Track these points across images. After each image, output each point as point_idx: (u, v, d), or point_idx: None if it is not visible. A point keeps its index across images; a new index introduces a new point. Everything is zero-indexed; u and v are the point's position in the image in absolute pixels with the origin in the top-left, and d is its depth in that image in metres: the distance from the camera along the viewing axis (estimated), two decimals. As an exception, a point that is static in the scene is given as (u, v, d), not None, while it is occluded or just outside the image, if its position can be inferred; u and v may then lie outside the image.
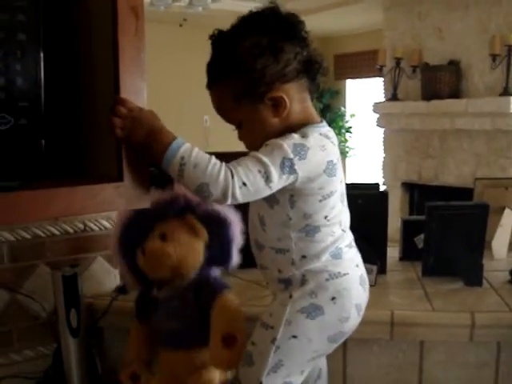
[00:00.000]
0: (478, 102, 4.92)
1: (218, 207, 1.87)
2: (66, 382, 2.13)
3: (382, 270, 2.46)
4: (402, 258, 2.74)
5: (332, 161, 1.51)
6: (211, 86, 1.57)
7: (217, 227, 1.90)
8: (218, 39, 1.55)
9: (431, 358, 2.16)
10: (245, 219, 1.80)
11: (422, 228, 2.54)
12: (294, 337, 1.58)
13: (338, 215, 1.59)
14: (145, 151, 1.45)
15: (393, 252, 2.69)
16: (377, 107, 5.83)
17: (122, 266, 2.02)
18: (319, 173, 1.49)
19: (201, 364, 1.87)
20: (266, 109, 1.51)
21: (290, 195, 1.51)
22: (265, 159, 1.42)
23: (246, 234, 1.79)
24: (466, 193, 3.69)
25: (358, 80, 8.36)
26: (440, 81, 5.17)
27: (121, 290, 2.36)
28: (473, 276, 2.35)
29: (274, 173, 1.42)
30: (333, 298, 1.57)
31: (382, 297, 2.26)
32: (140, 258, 1.89)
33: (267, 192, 1.46)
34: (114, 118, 1.43)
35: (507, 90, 4.74)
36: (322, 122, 1.59)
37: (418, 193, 5.75)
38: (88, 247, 2.33)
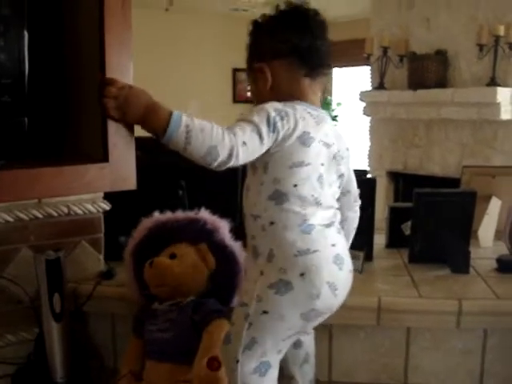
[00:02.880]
0: (465, 92, 4.92)
1: (235, 245, 2.01)
2: (48, 368, 2.10)
3: (369, 257, 2.45)
4: (388, 245, 2.74)
5: (309, 133, 1.63)
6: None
7: (227, 263, 2.02)
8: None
9: (418, 345, 2.16)
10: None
11: (408, 215, 2.54)
12: (265, 312, 1.60)
13: (311, 191, 1.63)
14: (143, 127, 1.49)
15: (379, 239, 2.68)
16: (363, 96, 5.82)
17: (130, 277, 2.11)
18: (292, 137, 1.60)
19: (183, 379, 1.88)
20: (258, 78, 1.71)
21: (265, 162, 1.62)
22: (253, 119, 1.55)
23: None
24: (451, 182, 3.70)
25: (344, 68, 8.34)
26: (427, 70, 5.16)
27: (105, 274, 2.34)
28: (460, 263, 2.35)
29: (264, 131, 1.54)
30: (301, 274, 1.58)
31: (369, 283, 2.25)
32: (147, 270, 1.99)
33: (262, 150, 1.57)
34: (106, 99, 1.42)
35: (494, 81, 4.74)
36: (315, 105, 1.73)
37: (403, 182, 5.75)
38: (72, 231, 2.30)
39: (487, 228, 2.74)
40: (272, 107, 1.59)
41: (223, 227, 2.04)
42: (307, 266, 1.59)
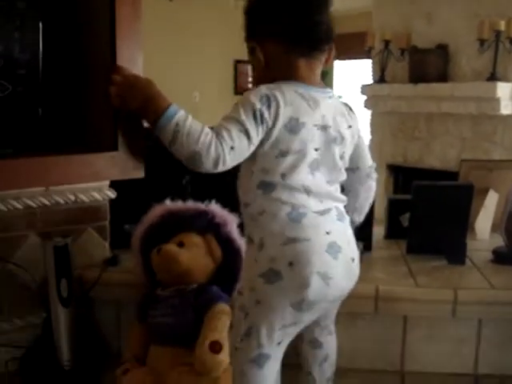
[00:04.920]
0: (465, 87, 4.96)
1: (241, 240, 2.01)
2: (55, 352, 2.14)
3: (368, 248, 2.50)
4: (386, 236, 2.78)
5: (297, 119, 1.57)
6: None
7: (232, 257, 2.05)
8: None
9: (414, 333, 2.21)
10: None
11: (407, 207, 2.58)
12: (258, 302, 1.61)
13: (301, 180, 1.60)
14: (141, 116, 1.50)
15: (378, 230, 2.73)
16: (364, 89, 5.85)
17: (138, 262, 2.15)
18: (278, 125, 1.55)
19: (185, 363, 1.92)
20: (253, 58, 1.67)
21: (255, 151, 1.58)
22: (239, 117, 1.51)
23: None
24: (450, 176, 3.74)
25: (346, 61, 8.36)
26: (428, 64, 5.19)
27: (110, 261, 2.39)
28: (456, 254, 2.40)
29: (252, 129, 1.51)
30: (290, 264, 1.56)
31: (368, 272, 2.29)
32: (154, 257, 2.03)
33: (251, 149, 1.54)
34: (111, 86, 1.44)
35: (494, 75, 4.77)
36: (311, 84, 1.65)
37: (402, 175, 5.79)
38: (78, 219, 2.33)
39: (484, 220, 2.79)
40: (257, 97, 1.54)
41: (231, 222, 2.06)
42: (296, 255, 1.56)
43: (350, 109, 1.79)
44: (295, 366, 1.93)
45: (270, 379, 1.70)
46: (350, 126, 1.73)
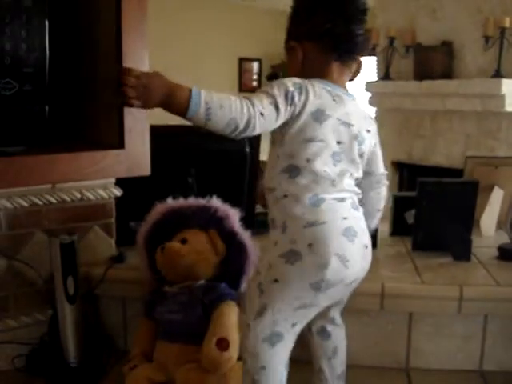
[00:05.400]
0: (470, 84, 4.94)
1: (244, 233, 2.06)
2: (61, 349, 2.16)
3: (373, 245, 2.49)
4: (392, 233, 2.79)
5: (323, 111, 1.66)
6: None
7: (235, 251, 2.07)
8: None
9: (420, 330, 2.21)
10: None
11: (412, 204, 2.59)
12: (276, 281, 1.65)
13: (324, 166, 1.66)
14: (166, 110, 1.53)
15: (383, 227, 2.73)
16: (369, 86, 5.84)
17: (143, 261, 2.17)
18: (306, 112, 1.64)
19: (193, 360, 1.93)
20: (290, 57, 1.76)
21: (282, 134, 1.66)
22: (272, 92, 1.59)
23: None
24: (455, 173, 3.73)
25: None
26: (432, 61, 5.18)
27: (116, 258, 2.40)
28: (461, 251, 2.40)
29: (282, 104, 1.59)
30: (310, 245, 1.61)
31: (373, 270, 2.26)
32: (158, 255, 2.05)
33: (278, 122, 1.62)
34: (127, 88, 1.48)
35: (499, 72, 4.75)
36: (338, 84, 1.75)
37: (407, 172, 5.78)
38: (84, 216, 2.34)
39: (489, 217, 2.79)
40: (291, 81, 1.64)
41: (233, 215, 2.08)
42: (315, 237, 1.61)
43: (370, 117, 1.89)
44: (305, 363, 1.92)
45: (281, 361, 1.71)
46: (368, 131, 1.80)
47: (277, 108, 1.58)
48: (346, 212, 1.69)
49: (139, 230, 2.16)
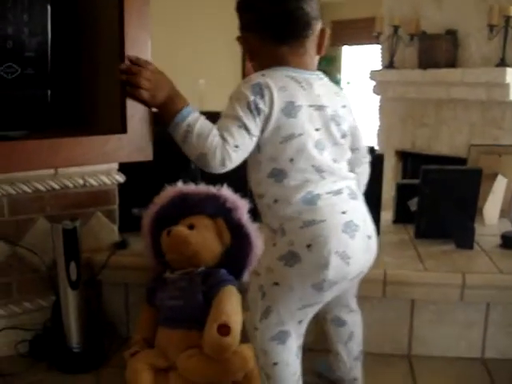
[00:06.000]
0: (474, 72, 4.92)
1: (251, 226, 2.05)
2: (64, 335, 2.17)
3: (376, 232, 2.49)
4: (395, 221, 2.79)
5: (293, 102, 1.58)
6: None
7: (240, 242, 2.07)
8: None
9: (422, 317, 2.22)
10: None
11: (415, 192, 2.58)
12: (276, 284, 1.62)
13: (308, 160, 1.60)
14: (160, 111, 1.54)
15: (386, 215, 2.73)
16: (373, 75, 5.82)
17: (147, 243, 2.17)
18: (276, 111, 1.56)
19: (194, 346, 1.93)
20: (242, 47, 1.71)
21: (258, 142, 1.59)
22: (236, 113, 1.54)
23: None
24: (459, 162, 3.73)
25: (354, 47, 8.33)
26: (437, 50, 5.15)
27: (119, 245, 2.40)
28: (464, 238, 2.40)
29: (248, 121, 1.54)
30: (308, 246, 1.56)
31: (376, 257, 2.29)
32: (164, 238, 2.05)
33: (253, 143, 1.57)
34: (141, 79, 1.49)
35: (503, 61, 4.73)
36: (300, 68, 1.66)
37: (411, 162, 5.77)
38: (87, 202, 2.35)
39: (492, 205, 2.78)
40: (249, 88, 1.57)
41: (242, 207, 2.07)
42: (313, 237, 1.56)
43: (341, 90, 1.81)
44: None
45: (292, 354, 1.71)
46: (344, 106, 1.74)
47: (247, 130, 1.54)
48: (345, 205, 1.63)
49: (146, 212, 2.15)
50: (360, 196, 1.73)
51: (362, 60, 8.20)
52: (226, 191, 2.08)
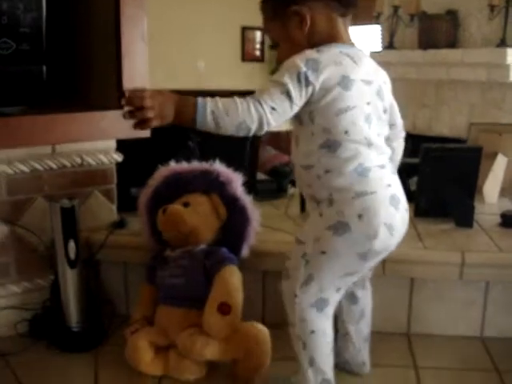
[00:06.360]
0: (475, 53, 4.89)
1: (246, 198, 2.06)
2: (63, 314, 2.17)
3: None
4: (394, 200, 2.77)
5: (348, 76, 1.61)
6: (261, 9, 1.74)
7: (237, 215, 2.07)
8: None
9: (421, 295, 2.22)
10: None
11: (415, 170, 2.58)
12: (323, 252, 1.66)
13: (360, 132, 1.63)
14: (176, 123, 1.54)
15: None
16: (373, 55, 5.77)
17: (145, 224, 2.17)
18: (332, 84, 1.58)
19: (195, 324, 1.93)
20: (293, 25, 1.66)
21: (310, 111, 1.62)
22: (282, 80, 1.55)
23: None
24: (459, 143, 3.71)
25: (354, 27, 8.29)
26: (437, 30, 5.12)
27: (118, 224, 2.40)
28: (464, 217, 2.40)
29: (293, 90, 1.54)
30: (359, 216, 1.61)
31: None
32: (160, 217, 2.05)
33: (294, 110, 1.58)
34: (146, 111, 1.48)
35: (504, 42, 4.70)
36: (349, 43, 1.71)
37: (411, 142, 5.74)
38: (85, 181, 2.34)
39: (492, 184, 2.78)
40: (303, 61, 1.57)
41: (236, 180, 2.08)
42: (365, 208, 1.61)
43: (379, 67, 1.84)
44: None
45: (329, 322, 1.75)
46: (384, 82, 1.79)
47: (289, 96, 1.55)
48: (389, 179, 1.69)
49: (141, 192, 2.15)
50: (396, 172, 1.78)
51: (361, 41, 8.15)
52: (218, 166, 2.09)
